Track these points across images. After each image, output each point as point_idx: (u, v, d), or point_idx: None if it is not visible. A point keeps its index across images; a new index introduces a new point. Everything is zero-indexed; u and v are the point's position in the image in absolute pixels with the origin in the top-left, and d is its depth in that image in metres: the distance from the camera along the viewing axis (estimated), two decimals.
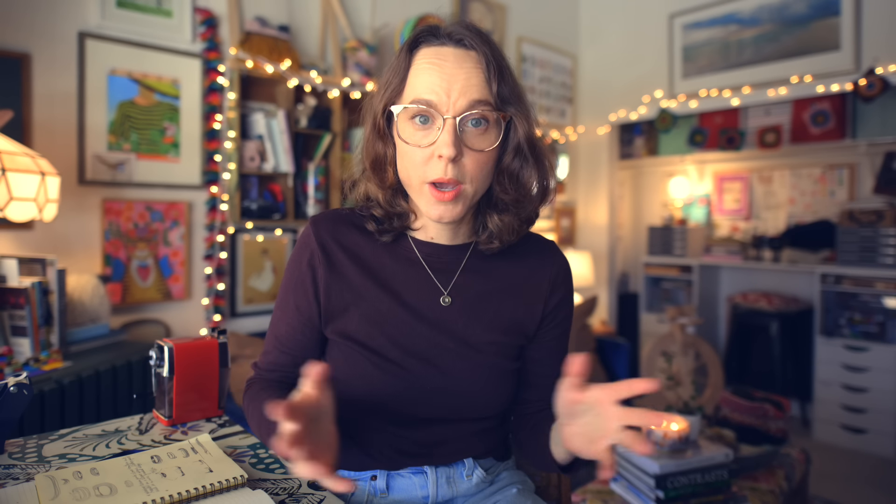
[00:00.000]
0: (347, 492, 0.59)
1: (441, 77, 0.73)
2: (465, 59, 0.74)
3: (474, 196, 0.77)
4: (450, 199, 0.74)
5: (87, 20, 2.00)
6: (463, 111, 0.72)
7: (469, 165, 0.74)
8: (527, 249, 0.89)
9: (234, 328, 2.37)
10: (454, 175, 0.73)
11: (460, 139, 0.73)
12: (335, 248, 0.83)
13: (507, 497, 0.86)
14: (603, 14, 3.91)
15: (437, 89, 0.72)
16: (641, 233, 4.42)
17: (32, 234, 1.89)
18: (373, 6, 2.82)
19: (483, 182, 0.77)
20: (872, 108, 3.20)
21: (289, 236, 2.54)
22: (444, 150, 0.71)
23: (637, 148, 4.21)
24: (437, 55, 0.75)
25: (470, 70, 0.73)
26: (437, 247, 0.85)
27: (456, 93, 0.72)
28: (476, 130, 0.74)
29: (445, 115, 0.72)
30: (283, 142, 2.40)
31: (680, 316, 3.27)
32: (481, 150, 0.74)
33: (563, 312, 0.90)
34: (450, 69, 0.73)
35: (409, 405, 0.81)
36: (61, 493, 0.64)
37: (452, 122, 0.72)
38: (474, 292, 0.84)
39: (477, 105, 0.72)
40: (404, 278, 0.83)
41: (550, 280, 0.88)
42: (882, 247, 3.01)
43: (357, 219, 0.86)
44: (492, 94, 0.73)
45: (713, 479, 1.58)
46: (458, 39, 0.75)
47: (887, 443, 2.93)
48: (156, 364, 0.91)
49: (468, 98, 0.72)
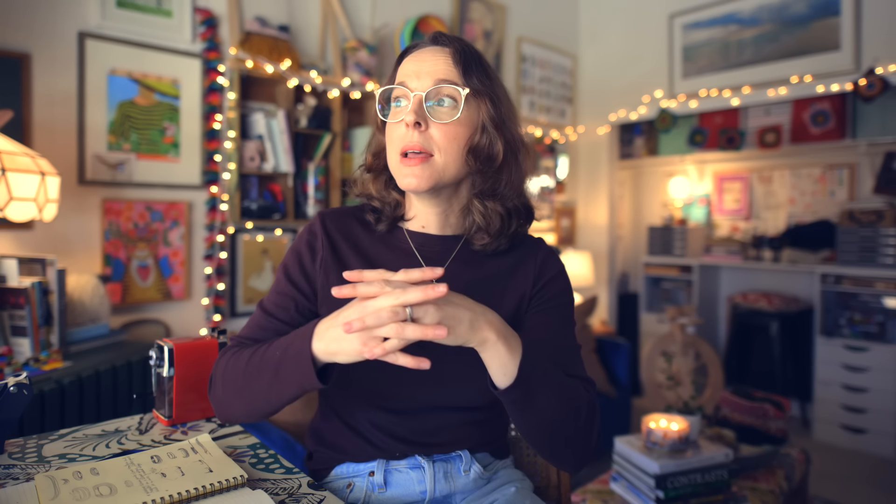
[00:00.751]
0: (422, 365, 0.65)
1: (415, 65, 0.84)
2: (437, 52, 0.84)
3: (444, 168, 0.82)
4: (416, 165, 0.81)
5: (87, 20, 2.00)
6: (427, 88, 0.81)
7: (436, 136, 0.81)
8: (518, 247, 0.92)
9: (234, 328, 2.37)
10: (419, 142, 0.81)
11: (424, 110, 0.81)
12: (338, 237, 0.90)
13: (506, 495, 0.87)
14: (603, 14, 3.91)
15: (409, 75, 0.83)
16: (641, 233, 4.42)
17: (32, 234, 1.89)
18: (373, 6, 2.82)
19: (453, 155, 0.82)
20: (872, 108, 3.20)
21: (289, 236, 2.54)
22: (408, 117, 0.80)
23: (637, 148, 4.21)
24: (417, 53, 0.86)
25: (438, 58, 0.83)
26: (428, 237, 0.90)
27: (423, 75, 0.82)
28: (442, 106, 0.82)
29: (412, 92, 0.82)
30: (283, 142, 2.40)
31: (680, 316, 3.28)
32: (446, 121, 0.81)
33: (555, 289, 0.90)
34: (423, 58, 0.84)
35: (403, 389, 0.84)
36: (61, 493, 0.64)
37: (418, 96, 0.81)
38: (463, 281, 0.86)
39: (440, 82, 0.81)
40: (397, 266, 0.85)
41: (537, 265, 0.91)
42: (882, 247, 3.01)
43: (360, 213, 0.94)
44: (458, 75, 0.82)
45: (713, 479, 1.58)
46: (434, 40, 0.86)
47: (887, 443, 2.93)
48: (156, 364, 0.91)
49: (433, 77, 0.82)
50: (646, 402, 3.46)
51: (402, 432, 0.86)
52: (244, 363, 0.79)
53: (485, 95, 0.83)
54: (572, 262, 3.52)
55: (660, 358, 3.37)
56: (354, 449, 0.87)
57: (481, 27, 3.36)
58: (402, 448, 0.86)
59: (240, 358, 0.80)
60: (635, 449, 1.62)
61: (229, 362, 0.81)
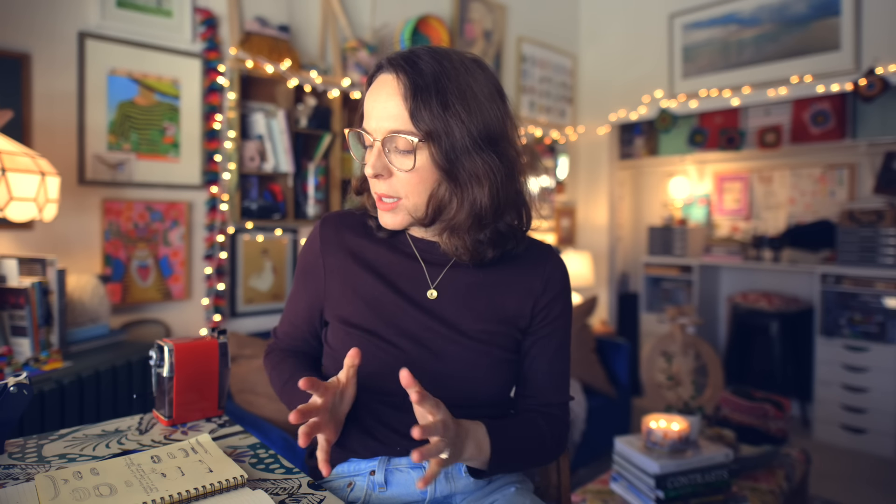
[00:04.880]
0: (325, 476, 0.74)
1: (372, 104, 0.81)
2: (388, 84, 0.80)
3: (415, 209, 0.83)
4: (389, 210, 0.84)
5: (87, 20, 2.00)
6: (382, 135, 0.80)
7: (400, 183, 0.81)
8: (525, 251, 0.92)
9: (234, 328, 2.37)
10: (386, 190, 0.82)
11: (384, 159, 0.80)
12: (340, 241, 0.93)
13: (506, 496, 0.87)
14: (603, 14, 3.91)
15: (370, 116, 0.82)
16: (641, 233, 4.42)
17: (32, 234, 1.89)
18: (373, 6, 2.82)
19: (422, 197, 0.82)
20: (872, 108, 3.20)
21: (289, 236, 2.54)
22: (368, 170, 0.82)
23: (637, 148, 4.21)
24: (377, 83, 0.82)
25: (390, 95, 0.79)
26: (429, 242, 0.91)
27: (378, 118, 0.80)
28: (400, 152, 0.80)
29: (372, 140, 0.81)
30: (283, 142, 2.40)
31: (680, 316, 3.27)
32: (405, 170, 0.80)
33: (557, 311, 0.92)
34: (379, 96, 0.81)
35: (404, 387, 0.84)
36: (61, 493, 0.64)
37: (378, 146, 0.81)
38: (464, 284, 0.89)
39: (390, 133, 0.79)
40: (400, 269, 0.90)
41: (543, 279, 0.91)
42: (882, 247, 3.01)
43: (362, 218, 0.95)
44: (408, 118, 0.78)
45: (713, 479, 1.58)
46: (390, 65, 0.81)
47: (887, 443, 2.93)
48: (156, 364, 0.91)
49: (384, 128, 0.80)
50: (646, 402, 3.46)
51: (404, 428, 0.85)
52: (271, 372, 0.96)
53: (434, 137, 0.78)
54: (572, 262, 3.52)
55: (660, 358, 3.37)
56: (356, 443, 0.87)
57: (481, 27, 3.36)
58: (403, 444, 0.86)
59: (274, 367, 0.96)
60: (635, 449, 1.62)
61: (273, 370, 0.96)
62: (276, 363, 0.97)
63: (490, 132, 0.81)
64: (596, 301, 3.15)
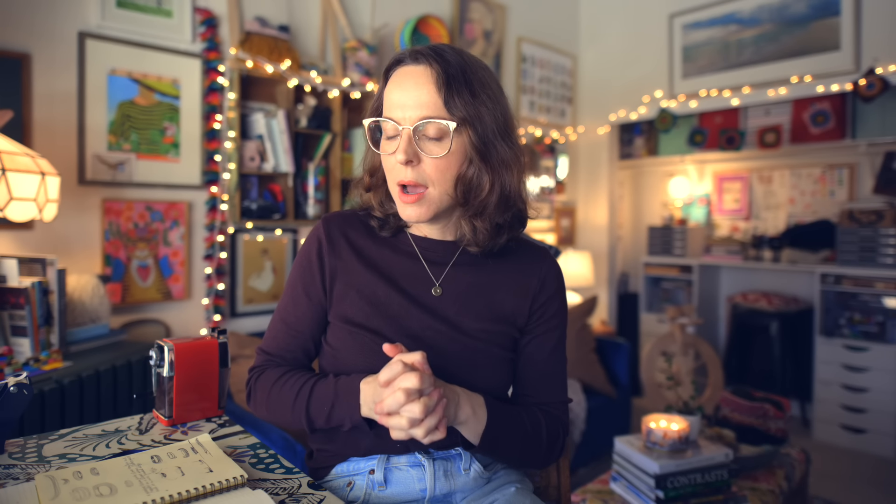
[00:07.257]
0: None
1: (400, 94, 0.83)
2: (419, 75, 0.82)
3: (440, 199, 0.85)
4: (414, 201, 0.84)
5: (87, 20, 2.00)
6: (414, 122, 0.82)
7: (429, 170, 0.83)
8: (520, 251, 0.96)
9: (234, 328, 2.37)
10: (414, 178, 0.83)
11: (415, 146, 0.82)
12: (342, 241, 0.92)
13: (506, 495, 0.87)
14: (603, 14, 3.91)
15: (396, 105, 0.83)
16: (641, 233, 4.42)
17: (32, 234, 1.89)
18: (373, 6, 2.82)
19: (447, 186, 0.84)
20: (872, 108, 3.20)
21: (289, 236, 2.54)
22: (399, 156, 0.82)
23: (637, 148, 4.21)
24: (400, 74, 0.84)
25: (421, 84, 0.81)
26: (431, 241, 0.93)
27: (408, 107, 0.82)
28: (431, 139, 0.82)
29: (402, 126, 0.82)
30: (283, 142, 2.40)
31: (680, 316, 3.28)
32: (437, 156, 0.82)
33: (553, 309, 0.94)
34: (407, 86, 0.82)
35: None
36: (61, 493, 0.64)
37: (408, 132, 0.82)
38: (465, 283, 0.91)
39: (426, 118, 0.81)
40: (402, 269, 0.91)
41: (540, 279, 0.94)
42: (882, 247, 3.01)
43: (363, 217, 0.96)
44: (442, 106, 0.81)
45: (713, 479, 1.58)
46: (415, 58, 0.83)
47: (887, 443, 2.93)
48: (156, 364, 0.91)
49: (418, 110, 0.81)
50: (646, 402, 3.46)
51: None
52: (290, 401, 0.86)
53: (469, 122, 0.82)
54: (572, 262, 3.52)
55: (660, 358, 3.37)
56: (355, 442, 0.87)
57: (481, 27, 3.36)
58: (402, 442, 0.85)
59: (283, 389, 0.88)
60: (635, 449, 1.62)
61: (272, 390, 0.89)
62: (275, 379, 0.90)
63: (507, 123, 0.87)
64: (596, 301, 3.14)
